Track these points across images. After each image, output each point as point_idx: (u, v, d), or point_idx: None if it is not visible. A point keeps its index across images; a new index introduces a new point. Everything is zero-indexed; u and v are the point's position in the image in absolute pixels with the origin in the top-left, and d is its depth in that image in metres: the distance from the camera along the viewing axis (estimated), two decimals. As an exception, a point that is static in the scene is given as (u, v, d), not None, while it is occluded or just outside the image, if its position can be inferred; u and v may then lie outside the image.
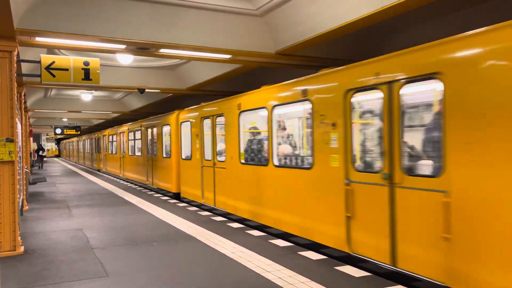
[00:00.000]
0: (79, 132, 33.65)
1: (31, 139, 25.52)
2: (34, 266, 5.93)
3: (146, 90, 14.01)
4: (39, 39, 7.37)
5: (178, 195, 13.57)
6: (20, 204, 8.76)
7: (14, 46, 6.65)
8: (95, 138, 30.71)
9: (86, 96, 19.36)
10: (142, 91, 13.98)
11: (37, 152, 34.12)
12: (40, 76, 7.76)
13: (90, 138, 33.70)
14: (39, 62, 7.75)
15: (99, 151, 29.22)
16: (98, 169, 29.29)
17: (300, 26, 7.63)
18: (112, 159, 24.38)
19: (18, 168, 7.00)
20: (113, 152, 24.21)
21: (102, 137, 27.47)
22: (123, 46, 7.95)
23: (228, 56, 8.76)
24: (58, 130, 32.29)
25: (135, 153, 19.33)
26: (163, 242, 7.25)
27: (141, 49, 8.11)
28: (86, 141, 37.03)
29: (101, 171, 28.18)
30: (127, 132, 20.54)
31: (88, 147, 35.57)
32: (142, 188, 16.21)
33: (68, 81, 7.94)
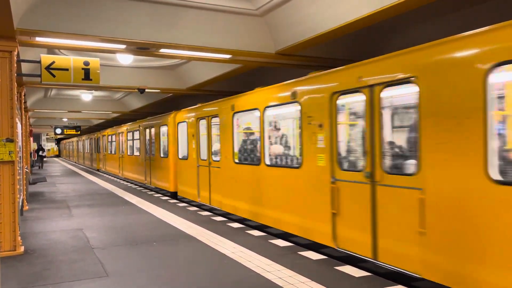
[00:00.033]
0: (79, 132, 33.66)
1: (31, 139, 25.50)
2: (34, 266, 5.93)
3: (146, 90, 14.02)
4: (39, 39, 7.37)
5: (175, 194, 13.70)
6: (20, 204, 8.76)
7: (14, 46, 6.65)
8: (95, 138, 30.77)
9: (86, 96, 19.38)
10: (142, 91, 13.99)
11: (37, 152, 34.10)
12: (40, 76, 7.77)
13: (90, 138, 33.73)
14: (39, 62, 7.75)
15: (98, 151, 29.29)
16: (98, 168, 29.37)
17: (300, 26, 7.63)
18: (111, 159, 24.48)
19: (18, 168, 7.00)
20: (112, 152, 24.33)
21: (102, 137, 27.55)
22: (123, 46, 7.95)
23: (228, 56, 8.77)
24: (58, 130, 32.31)
25: (133, 153, 19.43)
26: (163, 242, 7.25)
27: (141, 49, 8.12)
28: (85, 141, 37.08)
29: (100, 170, 28.23)
30: (126, 132, 20.68)
31: (87, 147, 35.62)
32: (142, 188, 16.21)
33: (68, 81, 7.95)
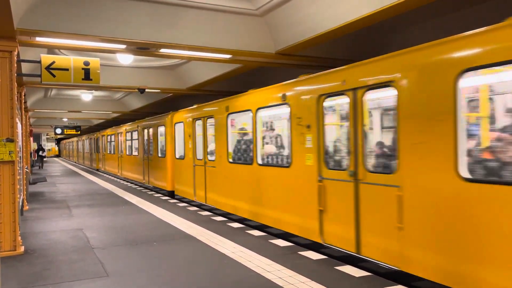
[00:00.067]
0: (79, 132, 33.66)
1: (31, 139, 25.50)
2: (34, 266, 5.93)
3: (146, 90, 14.03)
4: (39, 39, 7.37)
5: (173, 193, 13.96)
6: (20, 204, 8.76)
7: (14, 46, 6.65)
8: (94, 138, 30.90)
9: (86, 96, 19.37)
10: (142, 91, 14.00)
11: (37, 152, 34.07)
12: (40, 76, 7.77)
13: (90, 138, 33.85)
14: (39, 62, 7.75)
15: (98, 151, 29.43)
16: (97, 168, 29.46)
17: (300, 26, 7.63)
18: (111, 159, 24.71)
19: (18, 168, 7.00)
20: (112, 152, 24.51)
21: (101, 137, 27.73)
22: (123, 46, 7.95)
23: (228, 56, 8.77)
24: (58, 130, 32.30)
25: (132, 153, 19.72)
26: (163, 242, 7.25)
27: (141, 49, 8.12)
28: (85, 141, 37.19)
29: (100, 170, 28.33)
30: (125, 132, 20.97)
31: (87, 147, 35.72)
32: (142, 188, 16.21)
33: (68, 81, 7.95)
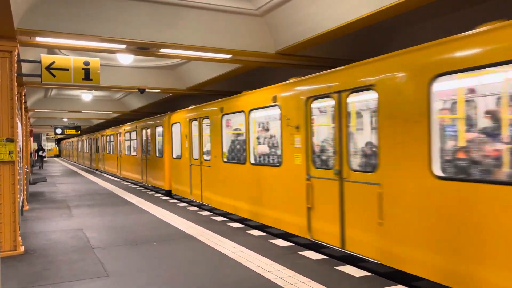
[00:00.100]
0: (79, 132, 33.67)
1: (32, 139, 25.50)
2: (34, 266, 5.93)
3: (146, 90, 14.04)
4: (39, 39, 7.37)
5: (170, 192, 14.17)
6: (21, 204, 8.76)
7: (15, 46, 6.65)
8: (94, 138, 31.01)
9: (86, 96, 19.39)
10: (142, 91, 14.01)
11: (37, 152, 34.06)
12: (40, 76, 7.76)
13: (89, 138, 33.92)
14: (39, 62, 7.75)
15: (97, 151, 29.54)
16: (97, 168, 29.53)
17: (300, 26, 7.63)
18: (110, 159, 24.92)
19: (18, 168, 7.00)
20: (111, 152, 24.70)
21: (101, 137, 27.87)
22: (123, 46, 7.95)
23: (228, 56, 8.77)
24: (59, 130, 32.31)
25: (131, 153, 19.98)
26: (163, 242, 7.25)
27: (141, 49, 8.12)
28: (85, 141, 37.27)
29: (99, 170, 28.39)
30: (124, 132, 21.20)
31: (87, 147, 35.79)
32: (142, 188, 16.22)
33: (69, 81, 7.95)
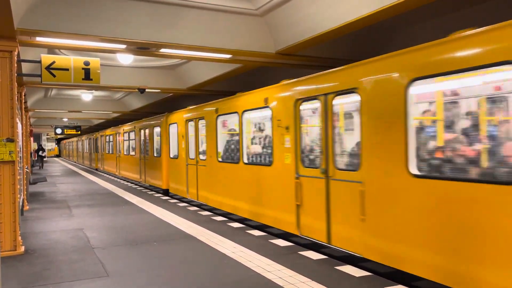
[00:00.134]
0: (79, 132, 33.68)
1: (32, 139, 25.50)
2: (35, 266, 5.93)
3: (146, 90, 14.04)
4: (39, 39, 7.37)
5: (167, 191, 14.42)
6: (21, 204, 8.76)
7: (15, 46, 6.65)
8: (93, 138, 31.09)
9: (86, 96, 19.39)
10: (143, 91, 14.01)
11: (37, 152, 34.05)
12: (40, 76, 7.77)
13: (89, 139, 34.00)
14: (40, 62, 7.75)
15: (97, 151, 29.64)
16: (96, 168, 29.60)
17: (300, 26, 7.63)
18: (109, 159, 25.11)
19: (18, 168, 7.00)
20: (110, 152, 24.86)
21: (100, 137, 27.99)
22: (124, 46, 7.95)
23: (228, 56, 8.77)
24: (59, 130, 32.30)
25: (129, 153, 20.19)
26: (163, 242, 7.26)
27: (141, 49, 8.12)
28: (85, 141, 37.35)
29: (99, 170, 28.45)
30: (123, 133, 21.40)
31: (87, 147, 35.86)
32: (142, 188, 16.22)
33: (69, 81, 7.96)
